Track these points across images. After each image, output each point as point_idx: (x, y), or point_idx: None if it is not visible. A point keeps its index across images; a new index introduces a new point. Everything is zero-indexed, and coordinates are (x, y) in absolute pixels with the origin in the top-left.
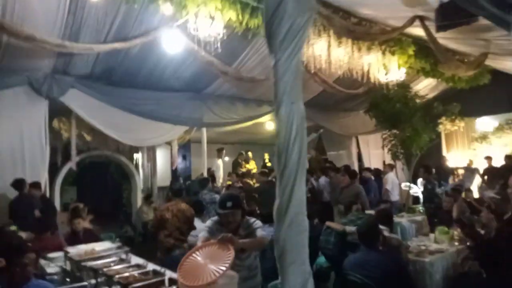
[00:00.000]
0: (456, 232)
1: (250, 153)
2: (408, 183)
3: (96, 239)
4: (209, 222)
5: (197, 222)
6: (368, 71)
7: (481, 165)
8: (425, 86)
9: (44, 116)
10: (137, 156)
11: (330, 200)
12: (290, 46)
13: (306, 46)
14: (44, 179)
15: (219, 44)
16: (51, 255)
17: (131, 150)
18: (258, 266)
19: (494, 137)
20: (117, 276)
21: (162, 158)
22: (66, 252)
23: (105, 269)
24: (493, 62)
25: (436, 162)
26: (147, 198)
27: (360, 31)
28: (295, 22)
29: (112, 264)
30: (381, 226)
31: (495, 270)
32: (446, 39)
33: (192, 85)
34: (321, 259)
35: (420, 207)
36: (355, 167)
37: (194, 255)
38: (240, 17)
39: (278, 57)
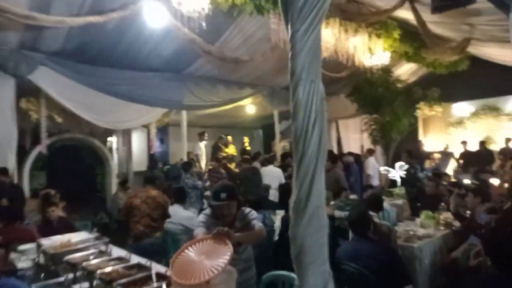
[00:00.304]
0: (442, 216)
1: (230, 137)
2: (386, 167)
3: (72, 228)
4: (202, 216)
5: (179, 209)
6: (353, 54)
7: (457, 150)
8: (405, 71)
9: (11, 95)
10: (111, 140)
11: None
12: (310, 15)
13: None
14: (12, 164)
15: (203, 21)
16: (22, 247)
17: (105, 133)
18: (252, 257)
19: (469, 122)
20: (98, 271)
21: (138, 141)
22: (39, 244)
23: (84, 263)
24: (473, 48)
25: (413, 147)
26: (123, 183)
27: (353, 11)
28: None
29: (91, 257)
30: (371, 212)
31: (508, 267)
32: (432, 23)
33: (172, 65)
34: None
35: (397, 190)
36: (335, 151)
37: (186, 251)
38: None
39: (296, 28)
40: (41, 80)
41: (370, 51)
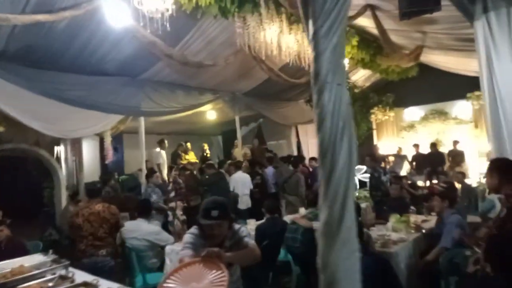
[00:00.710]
0: (412, 219)
1: (189, 144)
2: None
3: (23, 250)
4: (188, 237)
5: (143, 224)
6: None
7: (409, 152)
8: (360, 78)
9: None
10: (59, 149)
11: (277, 191)
12: (335, 9)
13: (258, 31)
14: None
15: (167, 22)
16: None
17: (52, 143)
18: (240, 277)
19: (420, 126)
20: None
21: (89, 151)
22: None
23: None
24: (422, 56)
25: (369, 151)
26: (74, 196)
27: None
28: None
29: (50, 284)
30: None
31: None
32: (388, 30)
33: (128, 69)
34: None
35: (358, 194)
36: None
37: (173, 278)
38: None
39: (319, 25)
40: None
41: None
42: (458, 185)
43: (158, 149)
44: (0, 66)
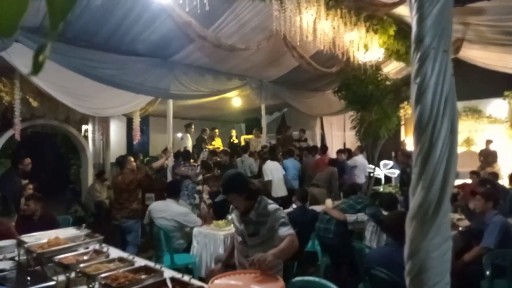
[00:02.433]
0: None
1: (217, 130)
2: (371, 166)
3: (54, 224)
4: (233, 214)
5: (172, 205)
6: (347, 49)
7: None
8: (391, 70)
9: None
10: (87, 128)
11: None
12: None
13: (294, 15)
14: None
15: (205, 1)
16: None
17: (81, 121)
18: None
19: None
20: (102, 275)
21: (116, 131)
22: (21, 241)
23: (81, 265)
24: (461, 51)
25: (395, 146)
26: (100, 175)
27: (365, 0)
28: None
29: (85, 258)
30: (384, 212)
31: None
32: None
33: (160, 50)
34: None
35: (386, 188)
36: None
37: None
38: None
39: None
40: (16, 59)
41: (365, 47)
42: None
43: (180, 134)
44: (36, 40)
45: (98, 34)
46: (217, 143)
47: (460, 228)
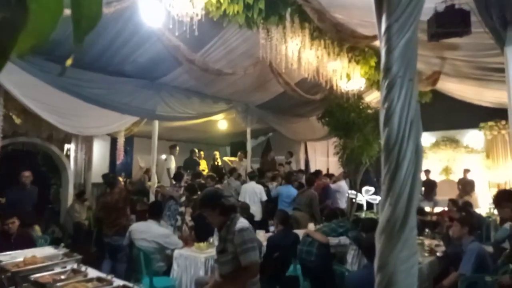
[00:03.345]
0: (427, 242)
1: (202, 152)
2: (353, 191)
3: (31, 243)
4: None
5: (153, 226)
6: (331, 78)
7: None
8: (373, 99)
9: None
10: (69, 147)
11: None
12: (411, 4)
13: (279, 43)
14: None
15: (195, 27)
16: None
17: (64, 140)
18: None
19: (431, 152)
20: None
21: (99, 150)
22: None
23: (58, 284)
24: (438, 83)
25: (377, 173)
26: (80, 195)
27: (347, 32)
28: None
29: (63, 277)
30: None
31: None
32: None
33: (147, 72)
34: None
35: (368, 214)
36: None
37: None
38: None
39: (394, 19)
40: (3, 76)
41: (348, 76)
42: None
43: (164, 156)
44: (25, 58)
45: (87, 54)
46: (202, 165)
47: (438, 254)
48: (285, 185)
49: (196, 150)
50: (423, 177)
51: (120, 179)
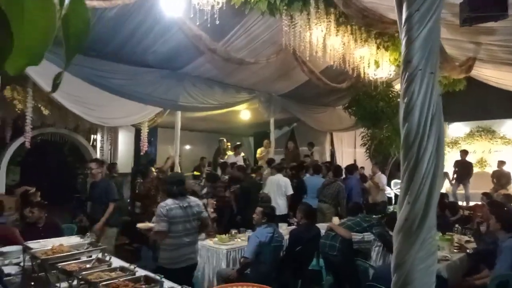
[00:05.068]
0: (456, 238)
1: (228, 144)
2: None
3: (59, 232)
4: None
5: None
6: (358, 65)
7: (450, 170)
8: None
9: None
10: (95, 137)
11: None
12: None
13: (304, 30)
14: None
15: (216, 16)
16: (5, 249)
17: (90, 131)
18: None
19: (464, 143)
20: (103, 283)
21: (124, 141)
22: (26, 247)
23: (83, 273)
24: (473, 69)
25: None
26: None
27: (374, 17)
28: None
29: (88, 266)
30: (390, 232)
31: None
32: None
33: (169, 62)
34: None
35: (391, 208)
36: None
37: None
38: None
39: (414, 8)
40: (29, 68)
41: (376, 63)
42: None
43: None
44: (50, 50)
45: (109, 45)
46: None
47: (468, 250)
48: (314, 176)
49: (225, 140)
50: (458, 157)
51: (153, 169)
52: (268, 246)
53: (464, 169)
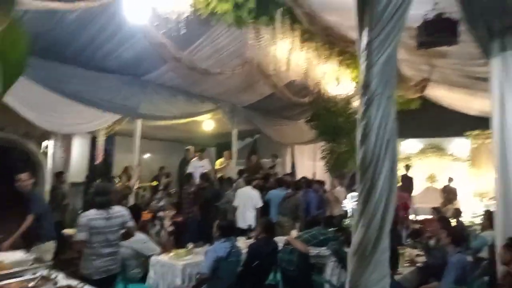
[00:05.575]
0: (407, 253)
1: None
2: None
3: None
4: None
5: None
6: (320, 81)
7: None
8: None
9: None
10: (47, 144)
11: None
12: (392, 19)
13: (269, 45)
14: None
15: (182, 25)
16: None
17: (42, 137)
18: None
19: (416, 158)
20: None
21: (79, 149)
22: None
23: None
24: (426, 89)
25: None
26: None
27: (337, 36)
28: None
29: (30, 285)
30: (347, 249)
31: None
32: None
33: (132, 68)
34: None
35: (347, 221)
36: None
37: None
38: None
39: (374, 35)
40: None
41: (337, 80)
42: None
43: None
44: None
45: (69, 48)
46: None
47: (418, 264)
48: (277, 189)
49: (192, 149)
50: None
51: (116, 181)
52: (225, 261)
53: (407, 183)
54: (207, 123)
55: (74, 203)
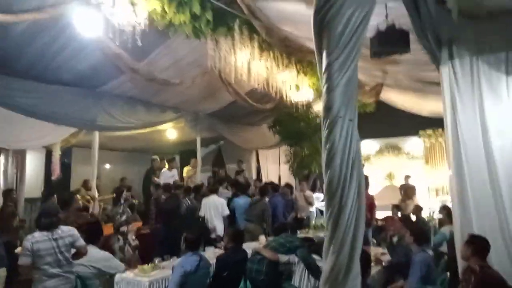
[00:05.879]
0: (372, 252)
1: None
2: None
3: None
4: None
5: (93, 250)
6: (280, 88)
7: None
8: (321, 109)
9: None
10: None
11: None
12: (350, 43)
13: (229, 54)
14: None
15: (137, 36)
16: None
17: None
18: None
19: (375, 158)
20: None
21: (33, 164)
22: None
23: None
24: (381, 93)
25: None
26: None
27: (294, 46)
28: (354, 15)
29: None
30: (315, 256)
31: None
32: None
33: (87, 80)
34: None
35: (320, 223)
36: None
37: None
38: (166, 9)
39: (333, 58)
40: None
41: (297, 87)
42: (413, 218)
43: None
44: None
45: (19, 61)
46: None
47: (383, 263)
48: (242, 196)
49: (158, 159)
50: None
51: (79, 196)
52: (194, 275)
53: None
54: (170, 132)
55: (31, 220)
